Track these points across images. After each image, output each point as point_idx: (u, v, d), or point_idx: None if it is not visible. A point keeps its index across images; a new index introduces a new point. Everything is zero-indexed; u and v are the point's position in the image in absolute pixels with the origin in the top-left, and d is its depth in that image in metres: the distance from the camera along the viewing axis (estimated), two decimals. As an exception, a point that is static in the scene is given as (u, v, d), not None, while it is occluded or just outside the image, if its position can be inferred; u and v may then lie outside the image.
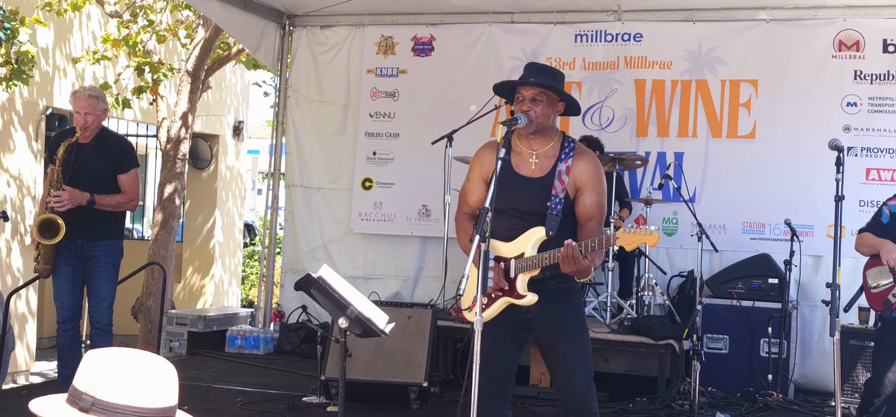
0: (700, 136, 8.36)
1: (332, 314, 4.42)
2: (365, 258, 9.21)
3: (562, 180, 4.24)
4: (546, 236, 4.19)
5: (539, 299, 4.20)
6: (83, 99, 6.10)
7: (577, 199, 4.29)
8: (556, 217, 4.21)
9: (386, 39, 9.20)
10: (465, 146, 7.53)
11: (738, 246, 8.01)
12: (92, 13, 12.34)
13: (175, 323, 9.33)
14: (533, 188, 4.27)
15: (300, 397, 6.86)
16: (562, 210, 4.22)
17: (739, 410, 6.83)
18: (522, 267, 4.19)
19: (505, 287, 4.23)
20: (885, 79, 7.92)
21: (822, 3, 7.95)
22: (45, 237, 5.96)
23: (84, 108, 6.06)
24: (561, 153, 4.30)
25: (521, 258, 4.21)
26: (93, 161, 6.07)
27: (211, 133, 15.00)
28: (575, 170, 4.27)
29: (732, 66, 8.28)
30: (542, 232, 4.20)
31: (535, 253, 4.18)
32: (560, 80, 4.40)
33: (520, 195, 4.26)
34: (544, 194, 4.24)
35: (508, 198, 4.20)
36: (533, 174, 4.31)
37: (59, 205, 5.92)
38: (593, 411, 4.27)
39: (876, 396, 5.17)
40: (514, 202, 4.24)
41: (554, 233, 4.17)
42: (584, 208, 4.28)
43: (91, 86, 6.44)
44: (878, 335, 4.95)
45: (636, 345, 7.15)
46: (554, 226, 4.19)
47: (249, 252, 17.28)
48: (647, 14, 8.48)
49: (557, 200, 4.22)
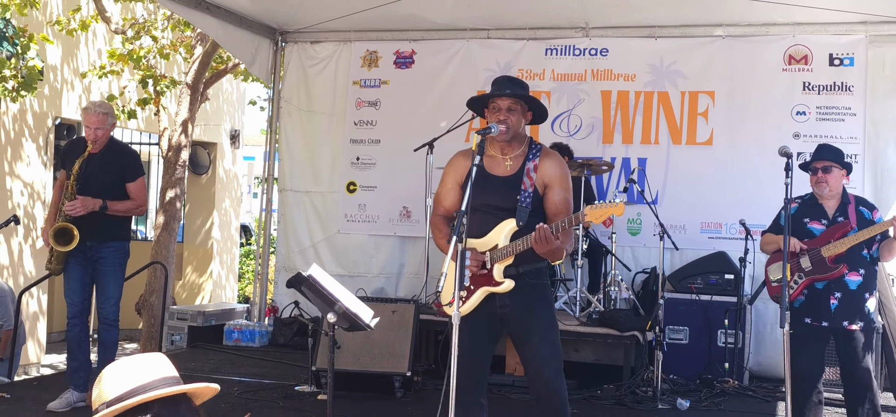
0: (661, 143, 8.39)
1: (322, 309, 4.42)
2: (351, 256, 9.19)
3: (530, 176, 4.29)
4: (517, 226, 4.23)
5: (514, 295, 4.23)
6: (94, 114, 6.08)
7: (546, 195, 4.32)
8: (526, 209, 4.25)
9: (370, 53, 9.19)
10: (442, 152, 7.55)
11: (697, 245, 8.04)
12: (98, 30, 12.28)
13: (176, 318, 9.31)
14: (504, 186, 4.32)
15: (293, 386, 6.86)
16: (531, 203, 4.27)
17: (698, 396, 6.87)
18: (497, 257, 4.23)
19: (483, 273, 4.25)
20: (831, 90, 7.98)
21: (773, 20, 8.00)
22: (60, 244, 5.96)
23: (95, 123, 6.05)
24: (529, 154, 4.37)
25: (496, 249, 4.24)
26: (102, 170, 6.06)
27: (209, 141, 14.96)
28: (542, 169, 4.32)
29: (691, 78, 8.32)
30: (513, 223, 4.24)
31: (509, 243, 4.22)
32: (527, 90, 4.45)
33: (493, 193, 4.30)
34: (515, 190, 4.28)
35: (483, 196, 4.24)
36: (505, 173, 4.35)
37: (73, 212, 5.92)
38: (563, 400, 4.29)
39: (795, 378, 5.27)
40: (488, 199, 4.28)
41: (524, 224, 4.22)
42: (552, 203, 4.31)
43: (101, 102, 6.41)
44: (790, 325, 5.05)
45: (603, 337, 7.17)
46: (524, 217, 4.23)
47: (245, 251, 17.22)
48: (612, 30, 8.51)
49: (527, 194, 4.26)
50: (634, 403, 6.67)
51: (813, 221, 5.40)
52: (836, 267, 5.25)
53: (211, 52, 10.72)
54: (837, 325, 5.29)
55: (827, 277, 5.27)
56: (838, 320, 5.28)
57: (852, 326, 5.26)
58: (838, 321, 5.28)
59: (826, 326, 5.31)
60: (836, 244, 5.25)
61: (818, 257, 5.28)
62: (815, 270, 5.28)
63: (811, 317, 5.33)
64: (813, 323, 5.33)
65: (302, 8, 8.61)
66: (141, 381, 2.32)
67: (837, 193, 5.42)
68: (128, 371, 2.36)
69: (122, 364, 2.38)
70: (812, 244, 5.33)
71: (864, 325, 5.30)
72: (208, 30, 8.81)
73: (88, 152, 6.04)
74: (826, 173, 5.37)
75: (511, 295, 4.25)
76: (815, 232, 5.37)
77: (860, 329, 5.28)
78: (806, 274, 5.31)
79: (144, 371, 2.35)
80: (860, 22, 7.79)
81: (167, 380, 2.35)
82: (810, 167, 5.46)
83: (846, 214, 5.36)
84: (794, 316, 5.24)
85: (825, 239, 5.31)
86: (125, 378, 2.33)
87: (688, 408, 6.53)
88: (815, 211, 5.42)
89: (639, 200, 7.96)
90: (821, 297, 5.31)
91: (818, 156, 5.45)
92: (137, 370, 2.36)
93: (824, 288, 5.30)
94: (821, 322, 5.31)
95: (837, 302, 5.28)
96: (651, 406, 6.58)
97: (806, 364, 5.32)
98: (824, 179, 5.36)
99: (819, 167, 5.39)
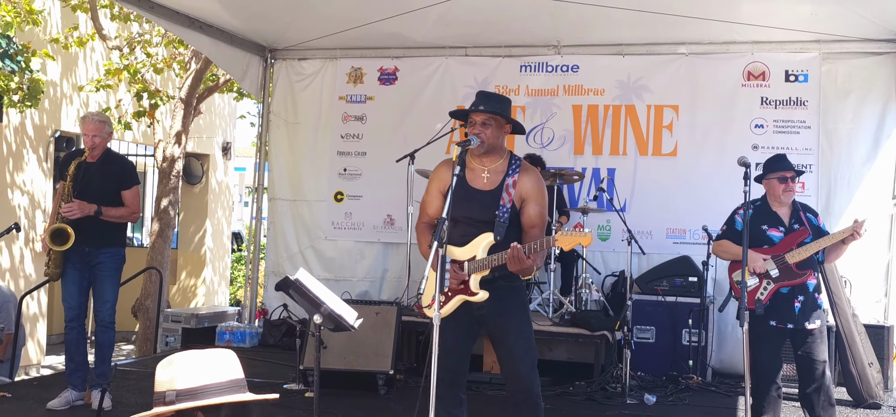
0: (629, 154, 8.42)
1: (308, 311, 4.40)
2: (338, 261, 9.17)
3: (509, 192, 4.27)
4: (495, 240, 4.21)
5: (490, 297, 4.22)
6: (92, 123, 6.03)
7: (523, 209, 4.31)
8: (504, 224, 4.23)
9: (355, 70, 9.18)
10: (425, 163, 7.55)
11: (663, 250, 8.06)
12: (96, 47, 12.20)
13: (170, 320, 9.23)
14: (484, 199, 4.29)
15: (281, 384, 6.81)
16: (508, 218, 4.25)
17: (665, 391, 6.88)
18: (475, 268, 4.21)
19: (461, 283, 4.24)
20: (787, 104, 8.04)
21: (732, 39, 8.05)
22: (56, 244, 5.88)
23: (92, 131, 5.99)
24: (509, 169, 4.33)
25: (474, 260, 4.22)
26: (99, 178, 6.00)
27: (202, 152, 14.87)
28: (520, 184, 4.30)
29: (657, 93, 8.35)
30: (491, 237, 4.21)
31: (486, 256, 4.20)
32: (507, 105, 4.41)
33: (473, 206, 4.28)
34: (494, 204, 4.26)
35: (463, 208, 4.22)
36: (485, 187, 4.32)
37: (70, 214, 5.85)
38: (537, 394, 4.29)
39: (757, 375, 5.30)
40: (468, 212, 4.26)
41: (501, 238, 4.20)
42: (528, 217, 4.30)
43: (98, 112, 6.37)
44: (752, 326, 5.06)
45: (575, 336, 7.17)
46: (501, 232, 4.21)
47: (237, 257, 17.12)
48: (582, 48, 8.52)
49: (505, 210, 4.24)
50: (604, 398, 6.67)
51: (771, 228, 5.40)
52: (801, 273, 5.24)
53: (204, 69, 10.67)
54: (800, 326, 5.30)
55: (793, 283, 5.27)
56: (801, 321, 5.29)
57: (811, 325, 5.29)
58: (801, 322, 5.29)
59: (790, 328, 5.33)
60: (798, 251, 5.25)
61: (784, 264, 5.28)
62: (783, 276, 5.27)
63: (776, 320, 5.33)
64: (778, 325, 5.32)
65: (290, 27, 8.59)
66: (214, 380, 2.27)
67: (790, 201, 5.44)
68: (202, 365, 2.30)
69: (197, 357, 2.32)
70: (772, 251, 5.33)
71: (821, 322, 5.34)
72: (201, 47, 8.78)
73: (86, 158, 5.98)
74: (793, 182, 5.39)
75: (488, 297, 4.23)
76: (774, 239, 5.37)
77: (817, 326, 5.31)
78: (774, 281, 5.31)
79: (218, 370, 2.29)
80: (813, 40, 7.85)
81: (237, 383, 2.31)
82: (779, 176, 5.41)
83: (800, 221, 5.38)
84: (759, 317, 5.25)
85: (785, 245, 5.31)
86: (200, 373, 2.27)
87: (654, 403, 6.54)
88: (772, 219, 5.42)
89: (608, 208, 7.99)
90: (786, 301, 5.31)
91: (784, 166, 5.42)
92: (211, 366, 2.30)
93: (789, 293, 5.30)
94: (786, 324, 5.31)
95: (800, 304, 5.28)
96: (620, 401, 6.58)
97: (767, 361, 5.34)
98: (792, 188, 5.37)
99: (788, 175, 5.38)
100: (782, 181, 5.39)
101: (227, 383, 2.28)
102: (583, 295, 7.71)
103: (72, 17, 11.44)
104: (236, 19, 8.37)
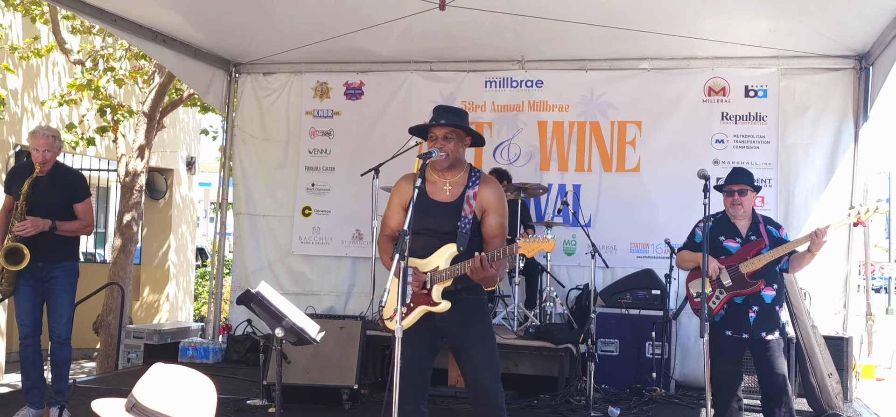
0: (594, 171, 8.47)
1: (270, 325, 4.36)
2: (304, 276, 9.11)
3: (470, 204, 4.27)
4: (457, 251, 4.20)
5: (452, 309, 4.20)
6: (43, 137, 5.92)
7: (484, 220, 4.31)
8: (466, 235, 4.22)
9: (321, 84, 9.15)
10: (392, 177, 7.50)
11: (626, 263, 8.11)
12: (58, 60, 12.05)
13: (132, 336, 9.10)
14: (446, 211, 4.29)
15: (245, 400, 6.72)
16: (470, 229, 4.25)
17: (628, 404, 6.89)
18: (437, 279, 4.21)
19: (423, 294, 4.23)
20: (747, 119, 8.14)
21: (693, 54, 8.13)
22: (10, 264, 5.77)
23: (43, 146, 5.88)
24: (469, 181, 4.34)
25: (436, 271, 4.22)
26: (50, 192, 5.89)
27: (166, 167, 14.73)
28: (481, 196, 4.30)
29: (620, 108, 8.41)
30: (453, 248, 4.21)
31: (448, 267, 4.19)
32: (465, 118, 4.43)
33: (435, 218, 4.27)
34: (455, 216, 4.26)
35: (425, 220, 4.22)
36: (446, 199, 4.32)
37: (23, 232, 5.73)
38: (501, 407, 4.26)
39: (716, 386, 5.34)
40: (430, 224, 4.26)
41: (464, 249, 4.19)
42: (489, 228, 4.30)
43: (47, 126, 6.25)
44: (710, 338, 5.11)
45: (540, 349, 7.17)
46: (464, 243, 4.20)
47: (202, 272, 16.96)
48: (546, 63, 8.57)
49: (466, 221, 4.24)
50: (569, 411, 6.67)
51: (728, 239, 5.47)
52: (754, 282, 5.32)
53: (167, 82, 10.57)
54: (756, 336, 5.36)
55: (746, 292, 5.34)
56: (757, 331, 5.35)
57: (769, 336, 5.34)
58: (757, 332, 5.35)
59: (745, 338, 5.39)
60: (752, 261, 5.34)
61: (737, 273, 5.35)
62: (735, 286, 5.35)
63: (731, 330, 5.39)
64: (733, 335, 5.39)
65: (254, 40, 8.54)
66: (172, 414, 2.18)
67: (749, 213, 5.51)
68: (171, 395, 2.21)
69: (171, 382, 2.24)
70: (729, 261, 5.40)
71: (780, 334, 5.40)
72: (164, 61, 8.70)
73: (36, 175, 5.88)
74: (741, 196, 5.46)
75: (450, 310, 4.21)
76: (731, 250, 5.44)
77: (776, 338, 5.37)
78: (726, 290, 5.38)
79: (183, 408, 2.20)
80: (772, 56, 7.96)
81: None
82: (725, 189, 5.54)
83: (758, 233, 5.45)
84: (715, 328, 5.30)
85: (741, 256, 5.39)
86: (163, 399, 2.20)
87: (618, 415, 6.55)
88: (729, 230, 5.50)
89: (573, 223, 8.03)
90: (740, 311, 5.37)
91: (733, 179, 5.53)
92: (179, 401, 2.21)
93: (743, 303, 5.37)
94: (741, 334, 5.38)
95: (755, 314, 5.35)
96: (584, 414, 6.57)
97: (726, 373, 5.39)
98: (740, 201, 5.45)
99: (735, 189, 5.47)
100: (729, 195, 5.49)
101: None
102: (547, 308, 7.71)
103: (32, 28, 11.29)
104: (200, 33, 8.31)
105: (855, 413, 6.83)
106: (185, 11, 7.65)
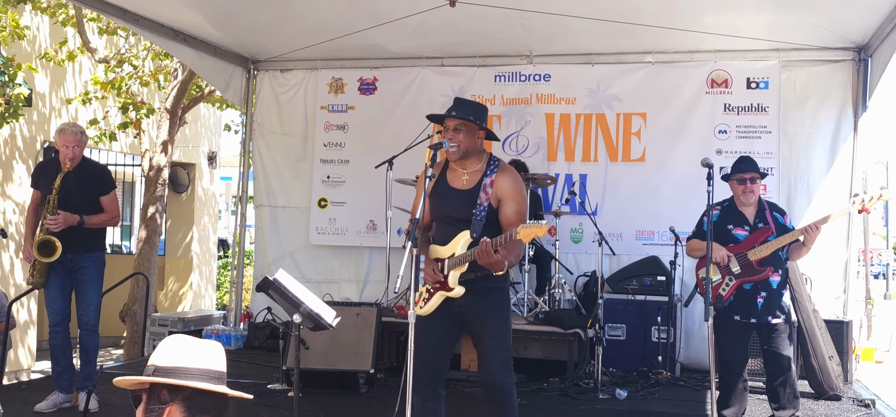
0: (600, 161, 8.42)
1: (288, 311, 4.36)
2: (322, 265, 9.11)
3: (486, 192, 4.26)
4: (472, 238, 4.19)
5: (470, 295, 4.21)
6: (71, 134, 5.93)
7: (500, 208, 4.29)
8: (480, 222, 4.21)
9: (336, 80, 9.14)
10: (404, 170, 7.52)
11: (632, 251, 8.07)
12: (83, 61, 12.09)
13: (157, 324, 9.15)
14: (463, 199, 4.29)
15: (266, 384, 6.74)
16: (485, 216, 4.23)
17: (635, 386, 6.87)
18: (453, 264, 4.22)
19: (440, 280, 4.24)
20: (749, 110, 8.08)
21: (696, 48, 8.08)
22: (43, 256, 5.80)
23: (71, 142, 5.90)
24: (487, 170, 4.33)
25: (452, 257, 4.22)
26: (78, 187, 5.91)
27: (188, 162, 14.78)
28: (497, 184, 4.28)
29: (625, 101, 8.36)
30: (468, 234, 4.21)
31: (463, 252, 4.19)
32: (481, 112, 4.38)
33: (453, 205, 4.29)
34: (471, 203, 4.25)
35: (445, 208, 4.26)
36: (464, 187, 4.32)
37: (55, 226, 5.77)
38: (508, 391, 4.27)
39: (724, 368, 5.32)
40: (449, 211, 4.29)
41: (478, 235, 4.18)
42: (505, 216, 4.28)
43: (74, 123, 6.26)
44: (717, 321, 5.08)
45: (549, 334, 7.16)
46: (478, 229, 4.19)
47: (224, 263, 17.01)
48: (553, 57, 8.52)
49: (481, 208, 4.23)
50: (577, 394, 6.66)
51: (737, 227, 5.44)
52: (762, 269, 5.28)
53: (188, 79, 10.59)
54: (763, 321, 5.33)
55: (755, 279, 5.30)
56: (764, 316, 5.32)
57: (775, 320, 5.31)
58: (764, 317, 5.32)
59: (753, 322, 5.35)
60: (760, 248, 5.29)
61: (745, 261, 5.31)
62: (744, 273, 5.31)
63: (740, 315, 5.36)
64: (742, 320, 5.36)
65: (271, 39, 8.54)
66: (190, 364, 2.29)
67: (756, 200, 5.47)
68: (185, 349, 2.34)
69: (184, 342, 2.37)
70: (737, 248, 5.36)
71: (785, 317, 5.38)
72: (185, 59, 8.71)
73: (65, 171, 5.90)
74: (753, 183, 5.42)
75: (468, 296, 4.22)
76: (740, 238, 5.40)
77: (782, 322, 5.34)
78: (736, 277, 5.34)
79: (194, 357, 2.32)
80: (773, 49, 7.89)
81: (215, 375, 2.33)
82: (737, 177, 5.47)
83: (765, 220, 5.41)
84: (724, 313, 5.28)
85: (749, 243, 5.35)
86: (180, 355, 2.31)
87: (625, 398, 6.53)
88: (737, 218, 5.46)
89: (581, 212, 8.01)
90: (749, 297, 5.34)
91: (744, 167, 5.48)
92: (194, 353, 2.33)
93: (752, 289, 5.34)
94: (750, 319, 5.35)
95: (763, 300, 5.32)
96: (592, 396, 6.57)
97: (734, 356, 5.37)
98: (752, 188, 5.42)
99: (747, 177, 5.42)
100: (741, 183, 5.45)
101: (203, 371, 2.29)
102: (556, 294, 7.69)
103: (60, 31, 11.33)
104: (220, 31, 8.31)
105: (855, 394, 6.78)
106: (205, 10, 7.64)
